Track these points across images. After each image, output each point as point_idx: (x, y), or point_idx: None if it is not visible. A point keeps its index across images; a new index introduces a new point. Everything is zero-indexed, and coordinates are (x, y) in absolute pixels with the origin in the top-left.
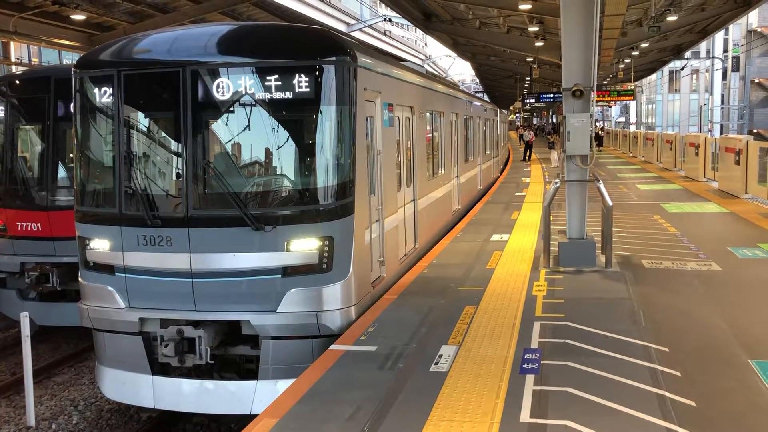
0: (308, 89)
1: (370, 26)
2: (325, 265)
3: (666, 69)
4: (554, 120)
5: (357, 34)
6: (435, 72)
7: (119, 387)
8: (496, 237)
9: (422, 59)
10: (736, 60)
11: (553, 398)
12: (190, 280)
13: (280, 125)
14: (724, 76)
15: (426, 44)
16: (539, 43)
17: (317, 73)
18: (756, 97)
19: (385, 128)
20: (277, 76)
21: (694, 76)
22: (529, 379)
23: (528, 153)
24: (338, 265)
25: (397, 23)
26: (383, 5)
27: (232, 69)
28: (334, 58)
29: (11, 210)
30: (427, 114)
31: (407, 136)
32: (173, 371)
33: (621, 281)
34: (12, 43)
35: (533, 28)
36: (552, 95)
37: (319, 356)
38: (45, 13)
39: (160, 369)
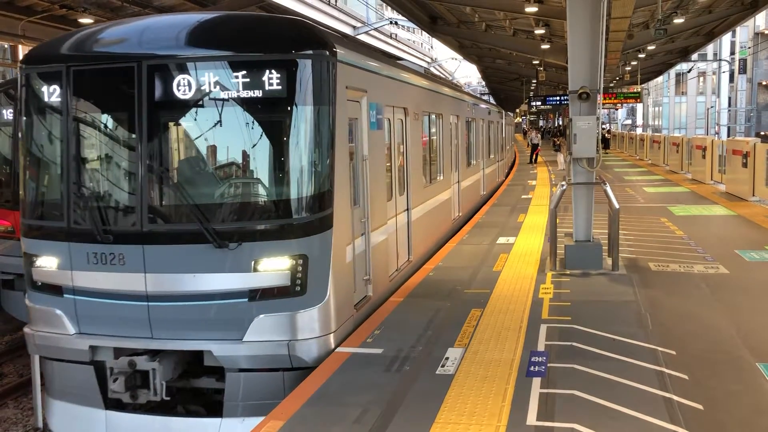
0: (280, 87)
1: (376, 29)
2: (298, 288)
3: (672, 71)
4: (560, 122)
5: (363, 37)
6: (440, 73)
7: (69, 423)
8: (502, 240)
9: (428, 62)
10: (743, 62)
11: (560, 401)
12: (146, 303)
13: (247, 128)
14: (731, 79)
15: (432, 47)
16: (545, 46)
17: (290, 68)
18: (763, 99)
19: (373, 131)
20: (244, 72)
21: (701, 79)
22: (536, 381)
23: (534, 156)
24: (314, 287)
25: (403, 26)
26: (389, 8)
27: (194, 64)
28: (309, 52)
29: (19, 212)
30: (424, 116)
31: (400, 139)
32: (130, 405)
33: (628, 284)
34: (20, 46)
35: (539, 31)
36: (558, 98)
37: (292, 390)
38: (53, 17)
39: (115, 403)
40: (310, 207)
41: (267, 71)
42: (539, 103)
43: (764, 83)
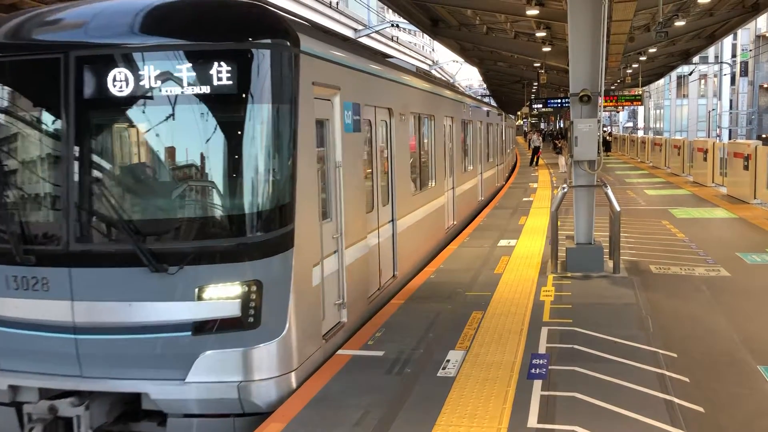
0: (231, 81)
1: (377, 32)
2: (251, 319)
3: (674, 74)
4: (561, 125)
5: (365, 40)
6: (442, 76)
7: None
8: (503, 242)
9: (429, 64)
10: (744, 65)
11: (561, 404)
12: (73, 336)
13: (191, 131)
14: (733, 81)
15: (433, 50)
16: (546, 49)
17: (243, 59)
18: (765, 101)
19: (348, 134)
20: (189, 65)
21: (702, 81)
22: (537, 384)
23: (536, 158)
24: (270, 318)
25: (404, 29)
26: (390, 11)
27: (129, 54)
28: (267, 41)
29: None
30: (412, 117)
31: (384, 143)
32: None
33: (629, 287)
34: None
35: (540, 34)
36: (559, 100)
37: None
38: None
39: None
40: (266, 223)
41: (216, 63)
42: (540, 105)
43: (765, 86)
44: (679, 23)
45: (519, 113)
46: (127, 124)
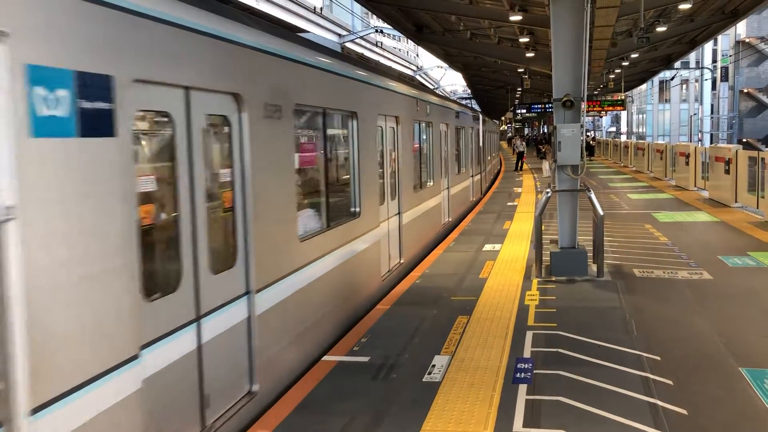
0: None
1: (362, 37)
2: None
3: (656, 79)
4: (545, 130)
5: (349, 45)
6: (426, 82)
7: None
8: (488, 247)
9: (414, 70)
10: (725, 70)
11: (546, 407)
12: None
13: None
14: (714, 86)
15: (418, 55)
16: (530, 54)
17: None
18: (745, 106)
19: (50, 141)
20: None
21: (684, 86)
22: (522, 388)
23: (520, 163)
24: None
25: (388, 34)
26: (375, 17)
27: None
28: None
29: None
30: (311, 115)
31: (222, 159)
32: None
33: (612, 290)
34: None
35: (524, 39)
36: (543, 105)
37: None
38: None
39: None
40: None
41: None
42: (524, 110)
43: (746, 90)
44: (661, 29)
45: (503, 118)
46: None
